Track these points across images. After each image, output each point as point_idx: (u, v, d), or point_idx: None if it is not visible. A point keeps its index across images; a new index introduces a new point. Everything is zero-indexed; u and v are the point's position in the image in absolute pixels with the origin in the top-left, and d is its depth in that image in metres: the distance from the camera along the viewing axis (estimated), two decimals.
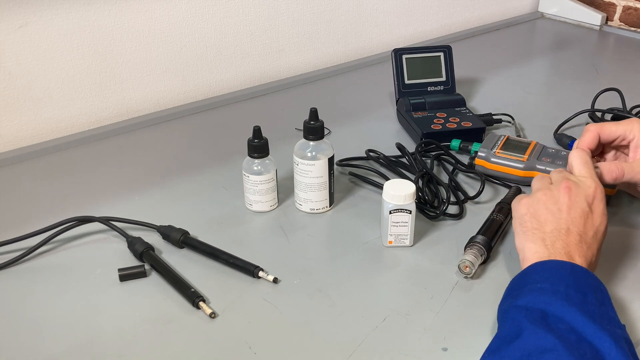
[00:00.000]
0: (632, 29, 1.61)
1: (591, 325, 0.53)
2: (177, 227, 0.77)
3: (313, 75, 1.28)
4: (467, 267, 0.69)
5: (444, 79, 1.09)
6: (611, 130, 0.74)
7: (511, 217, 0.80)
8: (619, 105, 1.08)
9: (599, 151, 0.78)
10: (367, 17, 1.39)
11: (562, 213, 0.64)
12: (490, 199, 0.86)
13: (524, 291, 0.58)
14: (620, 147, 0.77)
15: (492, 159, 0.89)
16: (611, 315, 0.56)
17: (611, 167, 0.72)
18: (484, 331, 0.63)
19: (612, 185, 0.76)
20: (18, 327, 0.64)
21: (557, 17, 1.68)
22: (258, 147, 0.79)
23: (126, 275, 0.70)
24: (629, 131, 0.74)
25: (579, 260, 0.61)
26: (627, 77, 1.30)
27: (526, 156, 0.88)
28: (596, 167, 0.71)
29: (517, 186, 0.87)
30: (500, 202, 0.81)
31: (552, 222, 0.64)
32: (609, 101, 1.09)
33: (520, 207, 0.67)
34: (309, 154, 0.80)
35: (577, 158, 0.71)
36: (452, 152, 0.95)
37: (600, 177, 0.70)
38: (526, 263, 0.62)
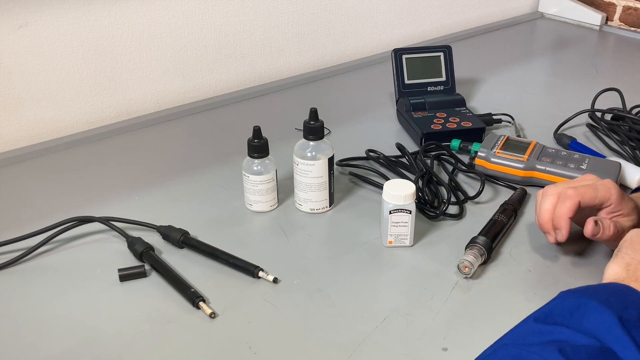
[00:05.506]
0: (632, 29, 1.61)
1: None
2: (177, 227, 0.77)
3: (313, 75, 1.28)
4: (466, 267, 0.69)
5: (444, 79, 1.09)
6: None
7: (514, 217, 0.81)
8: (619, 105, 1.08)
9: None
10: (366, 17, 1.39)
11: None
12: (490, 199, 0.86)
13: (626, 302, 0.54)
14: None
15: (492, 159, 0.89)
16: None
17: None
18: (484, 331, 0.63)
19: None
20: (18, 327, 0.64)
21: (557, 17, 1.68)
22: (258, 147, 0.79)
23: (126, 276, 0.70)
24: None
25: None
26: (627, 77, 1.30)
27: (526, 156, 0.88)
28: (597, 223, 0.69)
29: (523, 188, 0.86)
30: (504, 204, 0.81)
31: None
32: (609, 101, 1.09)
33: (627, 233, 0.64)
34: (309, 154, 0.80)
35: None
36: (453, 152, 0.95)
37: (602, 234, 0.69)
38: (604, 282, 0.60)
